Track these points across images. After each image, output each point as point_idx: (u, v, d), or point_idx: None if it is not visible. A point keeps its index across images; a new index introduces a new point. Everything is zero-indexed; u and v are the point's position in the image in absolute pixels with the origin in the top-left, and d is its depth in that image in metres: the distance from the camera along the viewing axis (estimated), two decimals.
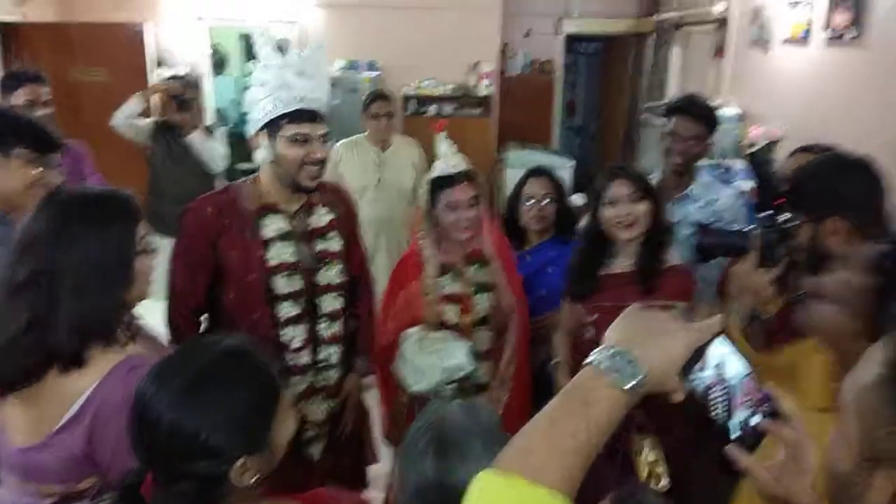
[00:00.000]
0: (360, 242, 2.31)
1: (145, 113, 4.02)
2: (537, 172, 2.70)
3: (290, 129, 1.89)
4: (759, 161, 2.29)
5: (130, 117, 3.80)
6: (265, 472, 1.12)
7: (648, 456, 1.86)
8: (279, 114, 1.88)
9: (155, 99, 4.12)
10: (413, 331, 2.10)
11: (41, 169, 1.86)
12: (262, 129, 1.92)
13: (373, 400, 2.44)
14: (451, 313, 2.17)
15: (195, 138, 3.75)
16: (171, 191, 3.78)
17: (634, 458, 1.88)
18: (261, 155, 1.94)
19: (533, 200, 2.59)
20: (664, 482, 1.80)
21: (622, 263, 2.12)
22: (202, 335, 1.27)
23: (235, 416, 1.05)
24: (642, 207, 2.03)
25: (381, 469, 2.48)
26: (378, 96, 3.84)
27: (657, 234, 2.08)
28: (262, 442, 1.10)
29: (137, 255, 1.39)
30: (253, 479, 1.09)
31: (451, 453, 1.11)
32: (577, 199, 3.55)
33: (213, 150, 3.83)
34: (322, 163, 1.96)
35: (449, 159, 2.16)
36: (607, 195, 2.06)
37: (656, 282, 2.03)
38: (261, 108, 1.90)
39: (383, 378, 2.28)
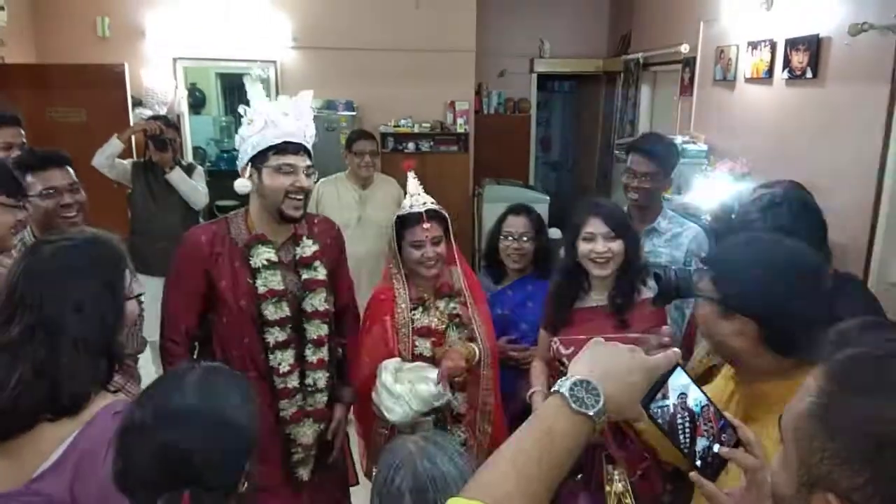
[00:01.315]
0: (348, 273, 2.37)
1: (125, 153, 4.04)
2: (517, 210, 2.75)
3: (275, 160, 2.01)
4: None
5: (111, 157, 3.82)
6: (250, 482, 1.17)
7: (618, 486, 1.89)
8: (266, 146, 1.99)
9: (134, 139, 4.16)
10: (389, 361, 2.14)
11: (19, 214, 1.89)
12: (248, 162, 2.04)
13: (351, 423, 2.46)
14: (423, 347, 2.21)
15: (175, 176, 3.78)
16: (154, 229, 3.78)
17: (605, 487, 1.91)
18: (241, 185, 2.03)
19: (511, 238, 2.64)
20: None
21: (596, 297, 2.17)
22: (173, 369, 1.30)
23: (245, 427, 1.13)
24: (616, 246, 2.09)
25: (359, 490, 2.49)
26: (362, 134, 3.92)
27: (631, 270, 2.14)
28: (255, 444, 1.17)
29: (127, 299, 1.41)
30: (245, 487, 1.14)
31: (427, 489, 1.14)
32: (555, 234, 3.62)
33: (194, 188, 3.85)
34: (306, 193, 2.07)
35: (414, 198, 2.22)
36: (584, 231, 2.12)
37: (629, 315, 2.09)
38: (248, 144, 2.02)
39: (360, 413, 2.32)
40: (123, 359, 1.39)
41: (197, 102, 8.51)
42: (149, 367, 2.31)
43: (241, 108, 2.07)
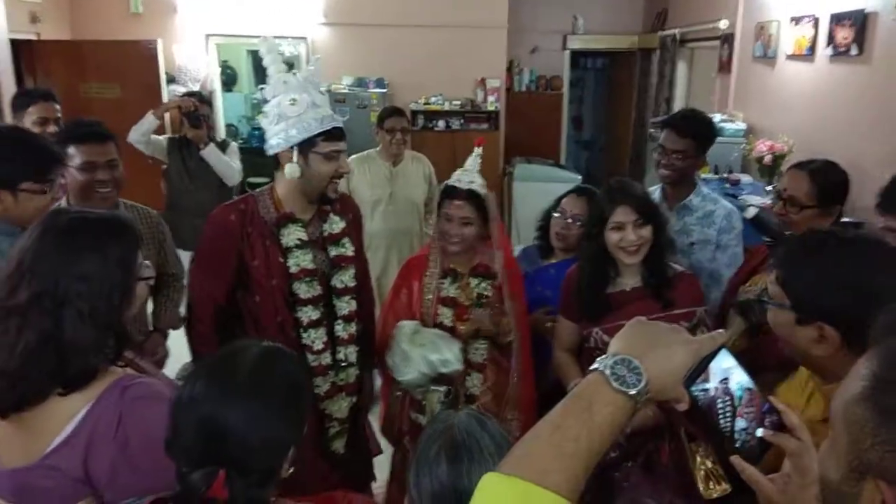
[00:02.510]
0: (363, 250, 2.39)
1: (160, 130, 4.07)
2: (579, 191, 2.67)
3: (325, 147, 2.00)
4: (761, 223, 2.28)
5: (146, 133, 3.85)
6: (293, 466, 1.17)
7: (707, 461, 1.84)
8: (316, 132, 1.97)
9: (168, 116, 4.19)
10: (407, 323, 2.16)
11: (49, 194, 1.91)
12: (294, 146, 2.00)
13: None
14: (446, 316, 2.21)
15: (210, 153, 3.80)
16: (188, 205, 3.81)
17: (691, 464, 1.86)
18: (293, 172, 1.99)
19: (561, 216, 2.59)
20: (725, 485, 1.78)
21: (627, 281, 2.13)
22: (232, 343, 1.29)
23: (291, 407, 1.13)
24: (646, 232, 2.04)
25: (380, 460, 2.53)
26: (394, 111, 3.89)
27: (659, 248, 2.09)
28: (303, 432, 1.17)
29: (137, 280, 1.39)
30: (289, 471, 1.15)
31: (462, 458, 1.14)
32: None
33: (228, 164, 3.87)
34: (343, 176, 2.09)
35: (464, 174, 2.21)
36: (612, 221, 2.07)
37: (670, 292, 2.05)
38: (293, 126, 1.97)
39: (383, 372, 2.34)
40: (130, 338, 1.38)
41: (229, 80, 8.55)
42: (182, 346, 2.33)
43: (273, 77, 2.03)
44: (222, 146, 3.98)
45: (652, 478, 1.91)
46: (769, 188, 2.28)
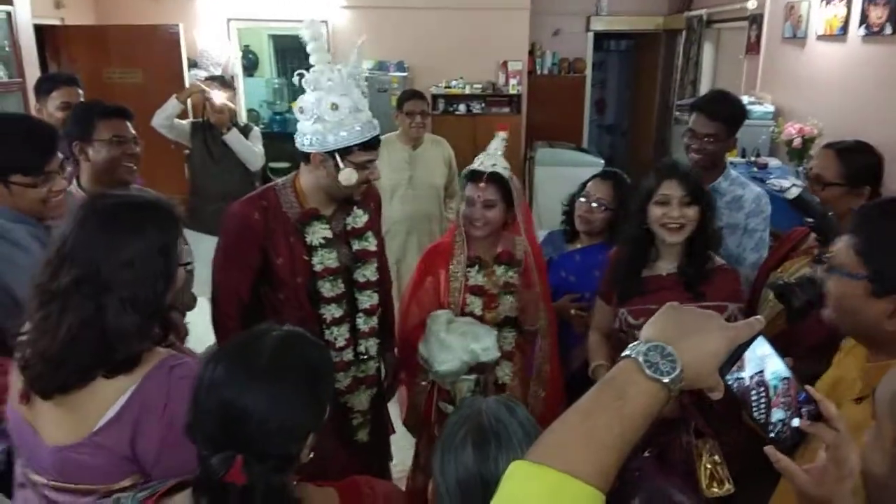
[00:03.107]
0: (382, 239, 2.36)
1: (183, 115, 4.08)
2: (605, 175, 2.61)
3: (360, 157, 1.95)
4: (803, 203, 2.20)
5: (170, 118, 3.86)
6: (314, 452, 1.17)
7: (710, 459, 1.81)
8: (356, 143, 1.92)
9: (190, 101, 4.18)
10: (441, 312, 2.13)
11: (42, 187, 1.85)
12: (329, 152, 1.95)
13: None
14: (475, 305, 2.19)
15: (233, 138, 3.80)
16: (211, 189, 3.82)
17: (696, 462, 1.83)
18: (346, 177, 1.94)
19: (585, 200, 2.55)
20: (728, 486, 1.76)
21: (665, 266, 2.07)
22: (253, 328, 1.28)
23: (310, 393, 1.11)
24: (692, 212, 1.97)
25: (394, 438, 2.54)
26: (413, 94, 3.86)
27: (703, 237, 2.02)
28: (324, 418, 1.16)
29: (177, 266, 1.39)
30: (310, 456, 1.14)
31: (489, 443, 1.12)
32: None
33: (251, 149, 3.87)
34: None
35: (487, 157, 2.17)
36: (658, 193, 2.01)
37: (705, 285, 1.99)
38: (331, 131, 1.91)
39: (406, 362, 2.32)
40: (174, 323, 1.38)
41: (250, 65, 8.55)
42: (197, 326, 2.33)
43: (303, 74, 1.96)
44: (245, 131, 3.98)
45: (664, 471, 1.88)
46: (799, 169, 2.19)
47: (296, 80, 1.98)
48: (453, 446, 1.13)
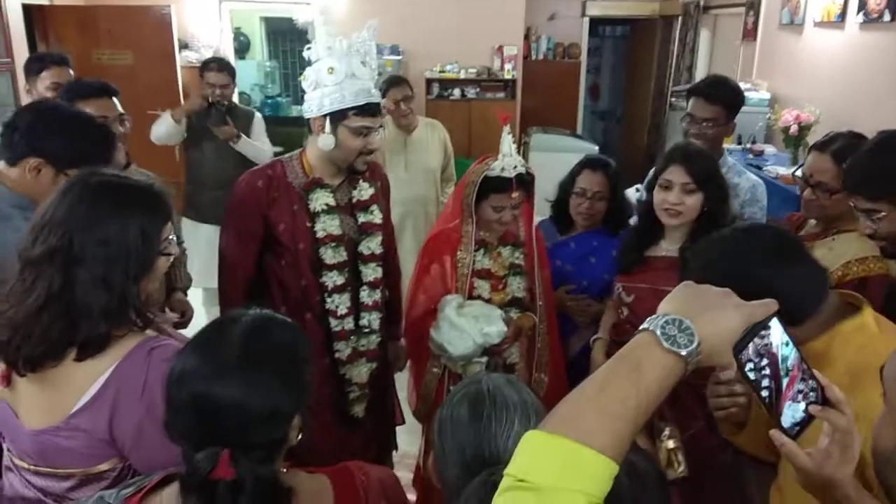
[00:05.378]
0: (390, 217, 2.38)
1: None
2: (594, 165, 2.54)
3: (356, 121, 1.98)
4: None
5: (168, 136, 3.75)
6: (304, 432, 1.14)
7: (669, 443, 1.84)
8: (349, 106, 1.95)
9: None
10: (452, 297, 2.14)
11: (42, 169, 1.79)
12: (326, 115, 1.98)
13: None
14: (483, 289, 2.19)
15: (244, 146, 3.68)
16: (209, 178, 3.75)
17: (655, 443, 1.86)
18: (326, 143, 1.99)
19: (583, 196, 2.52)
20: (682, 469, 1.79)
21: (668, 247, 2.08)
22: (222, 316, 1.26)
23: (287, 375, 1.08)
24: (692, 200, 1.96)
25: (402, 430, 2.58)
26: (392, 82, 3.78)
27: (710, 224, 2.00)
28: (306, 400, 1.13)
29: (159, 254, 1.37)
30: (298, 438, 1.12)
31: (484, 402, 1.11)
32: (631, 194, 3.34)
33: (261, 151, 3.76)
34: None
35: (507, 160, 2.10)
36: (662, 177, 2.01)
37: None
38: (328, 95, 1.96)
39: (414, 351, 2.32)
40: (143, 310, 1.34)
41: (242, 47, 8.47)
42: (197, 309, 2.33)
43: (310, 47, 2.00)
44: (247, 118, 3.89)
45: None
46: (798, 173, 2.10)
47: (305, 54, 2.01)
48: (450, 407, 1.13)
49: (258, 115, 4.03)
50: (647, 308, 1.94)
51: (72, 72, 3.15)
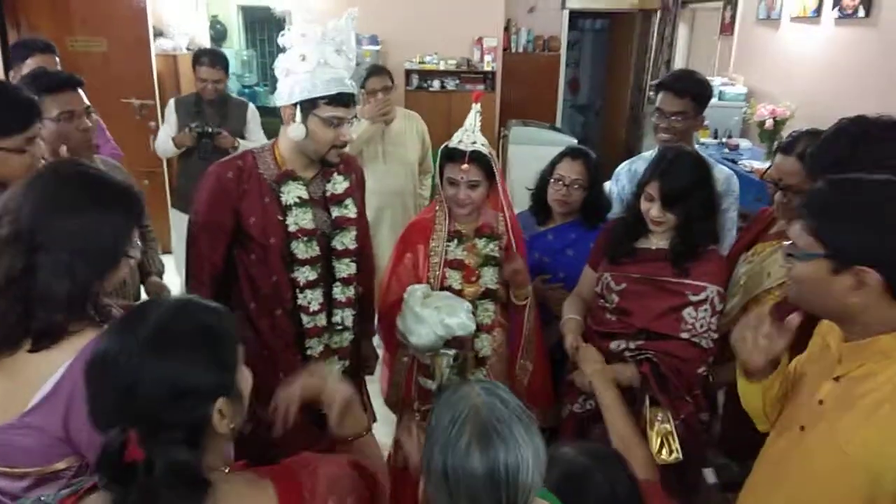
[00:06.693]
0: (365, 212, 2.34)
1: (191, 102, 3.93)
2: (574, 154, 2.56)
3: (326, 111, 1.92)
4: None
5: (168, 153, 3.79)
6: (238, 424, 1.10)
7: (661, 427, 1.86)
8: (320, 95, 1.90)
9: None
10: (418, 287, 2.11)
11: (28, 153, 1.76)
12: (295, 104, 1.93)
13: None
14: (454, 279, 2.17)
15: (245, 148, 3.68)
16: (198, 169, 3.65)
17: (647, 428, 1.87)
18: (297, 133, 1.94)
19: (561, 183, 2.52)
20: (676, 454, 1.81)
21: (657, 241, 2.09)
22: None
23: (204, 354, 1.05)
24: (671, 216, 1.98)
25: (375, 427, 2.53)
26: (373, 71, 3.76)
27: (694, 229, 2.00)
28: (231, 383, 1.08)
29: (125, 255, 1.35)
30: (230, 428, 1.07)
31: (494, 446, 1.03)
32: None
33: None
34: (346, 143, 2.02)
35: (465, 134, 2.10)
36: (646, 189, 2.01)
37: (690, 263, 2.00)
38: (299, 83, 1.90)
39: (387, 340, 2.31)
40: (101, 305, 1.33)
41: (218, 35, 8.34)
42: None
43: (288, 30, 1.94)
44: (240, 109, 3.87)
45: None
46: (769, 177, 2.11)
47: (280, 41, 1.95)
48: (452, 447, 1.04)
49: (252, 106, 4.00)
50: (639, 297, 1.98)
51: (58, 59, 3.09)
